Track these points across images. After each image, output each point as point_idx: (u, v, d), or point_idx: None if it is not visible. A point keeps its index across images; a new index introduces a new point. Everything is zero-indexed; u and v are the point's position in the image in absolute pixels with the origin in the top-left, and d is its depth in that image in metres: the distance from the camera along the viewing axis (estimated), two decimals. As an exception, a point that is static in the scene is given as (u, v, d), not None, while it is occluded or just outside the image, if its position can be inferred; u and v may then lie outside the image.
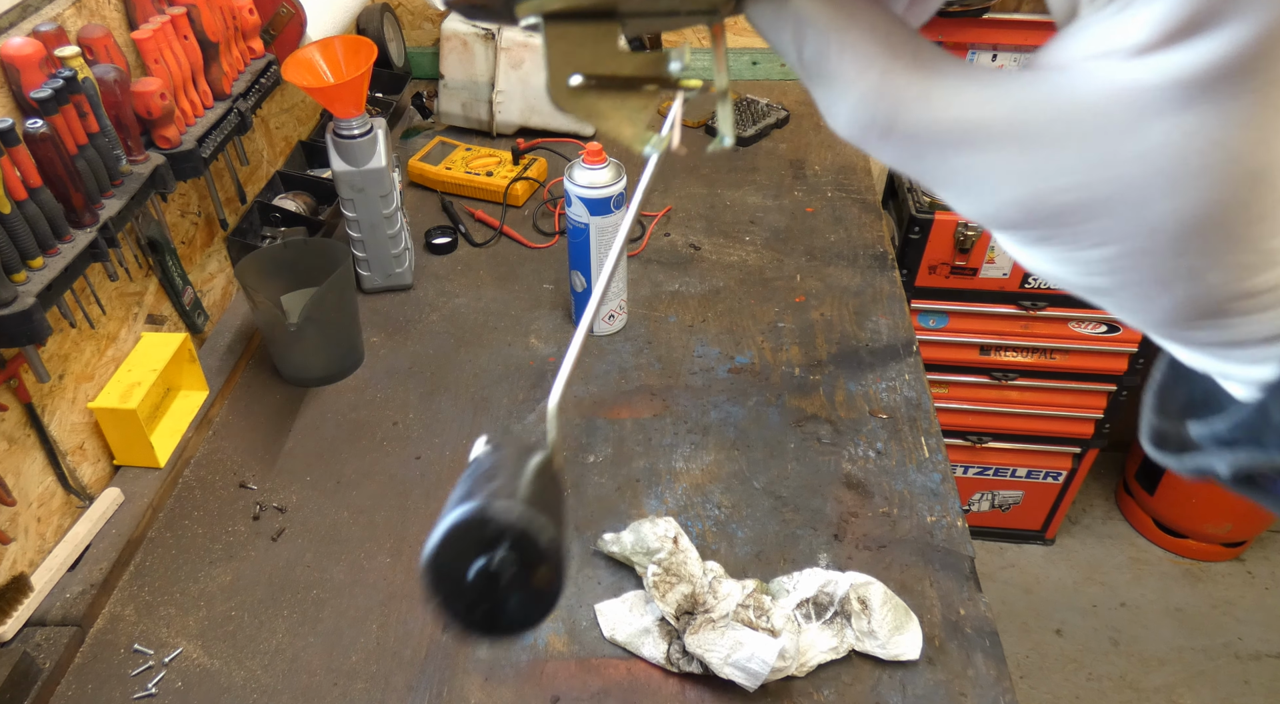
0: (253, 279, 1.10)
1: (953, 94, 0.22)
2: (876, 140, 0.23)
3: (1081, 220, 0.22)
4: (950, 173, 0.23)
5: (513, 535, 0.26)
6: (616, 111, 0.27)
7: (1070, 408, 1.95)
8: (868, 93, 0.23)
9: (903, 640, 0.83)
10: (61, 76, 0.86)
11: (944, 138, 0.22)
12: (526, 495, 0.27)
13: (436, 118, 1.63)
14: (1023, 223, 0.23)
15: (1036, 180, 0.22)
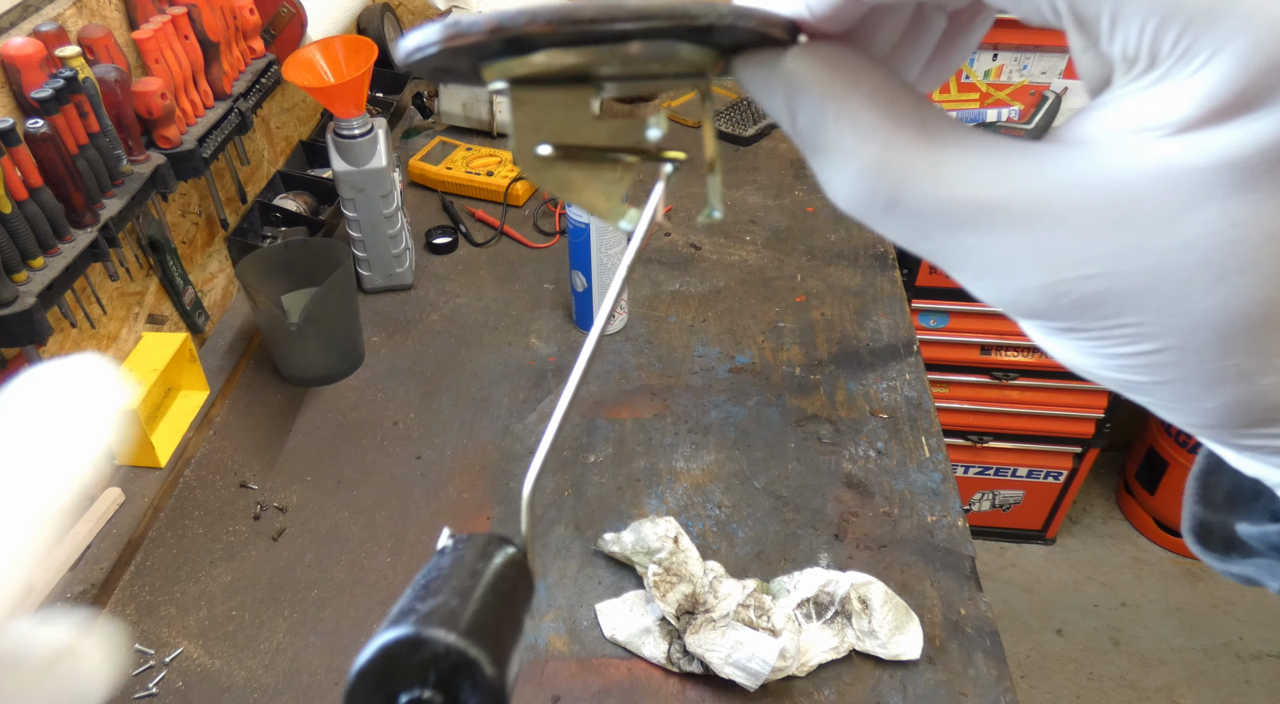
0: (253, 279, 1.10)
1: (964, 169, 0.20)
2: (879, 216, 0.21)
3: (1112, 313, 0.19)
4: (962, 254, 0.21)
5: (442, 669, 0.23)
6: (589, 184, 0.25)
7: (1071, 407, 1.95)
8: (868, 166, 0.21)
9: (903, 640, 0.83)
10: (62, 76, 0.86)
11: (954, 217, 0.20)
12: (470, 620, 0.24)
13: (437, 118, 1.63)
14: (1045, 312, 0.20)
15: (1060, 267, 0.19)
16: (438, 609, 0.24)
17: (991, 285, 0.21)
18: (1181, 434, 2.05)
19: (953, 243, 0.20)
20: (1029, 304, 0.20)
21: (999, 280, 0.20)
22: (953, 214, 0.20)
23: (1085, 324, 0.20)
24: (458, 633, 0.23)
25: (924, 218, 0.20)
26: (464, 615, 0.24)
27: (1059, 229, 0.19)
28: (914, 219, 0.21)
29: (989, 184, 0.20)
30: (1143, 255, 0.18)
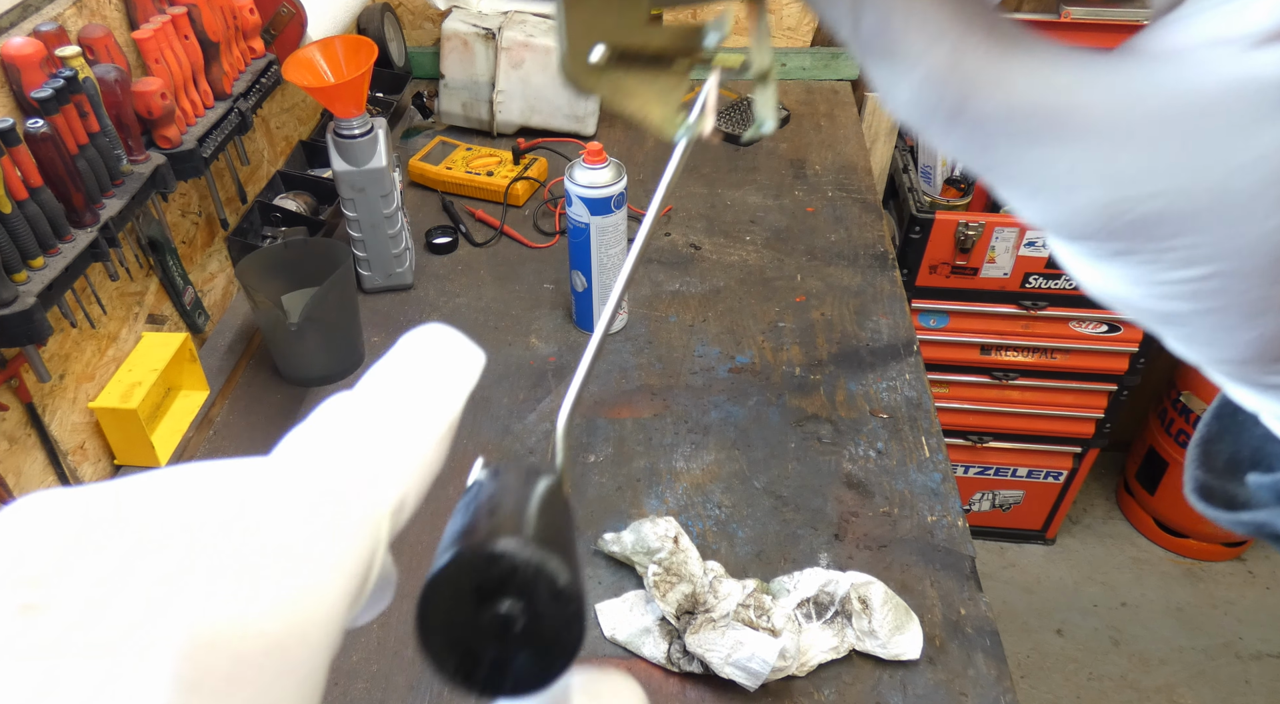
0: (253, 279, 1.10)
1: (1037, 76, 0.19)
2: (941, 126, 0.20)
3: (1169, 234, 0.19)
4: (1021, 168, 0.20)
5: (524, 580, 0.22)
6: (644, 90, 0.24)
7: (1071, 407, 1.95)
8: (936, 70, 0.20)
9: (903, 640, 0.83)
10: (62, 76, 0.86)
11: (1020, 127, 0.19)
12: (537, 531, 0.23)
13: (437, 117, 1.63)
14: (1097, 232, 0.20)
15: (1124, 183, 0.19)
16: (504, 524, 0.23)
17: (1046, 203, 0.20)
18: (1181, 434, 2.05)
19: (1014, 156, 0.20)
20: (1082, 223, 0.20)
21: (1056, 197, 0.20)
22: (1020, 123, 0.19)
23: (1138, 246, 0.19)
24: (535, 542, 0.23)
25: (988, 127, 0.20)
26: (531, 526, 0.23)
27: (1129, 142, 0.18)
28: (977, 129, 0.20)
29: (1061, 92, 0.19)
30: (1211, 171, 0.18)
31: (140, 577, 0.16)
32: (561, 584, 0.23)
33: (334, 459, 0.20)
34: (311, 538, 0.18)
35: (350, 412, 0.21)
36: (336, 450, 0.20)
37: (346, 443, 0.21)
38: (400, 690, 0.82)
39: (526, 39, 1.51)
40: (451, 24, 1.53)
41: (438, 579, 0.22)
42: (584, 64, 0.23)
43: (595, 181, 1.08)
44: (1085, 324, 1.82)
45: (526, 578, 0.22)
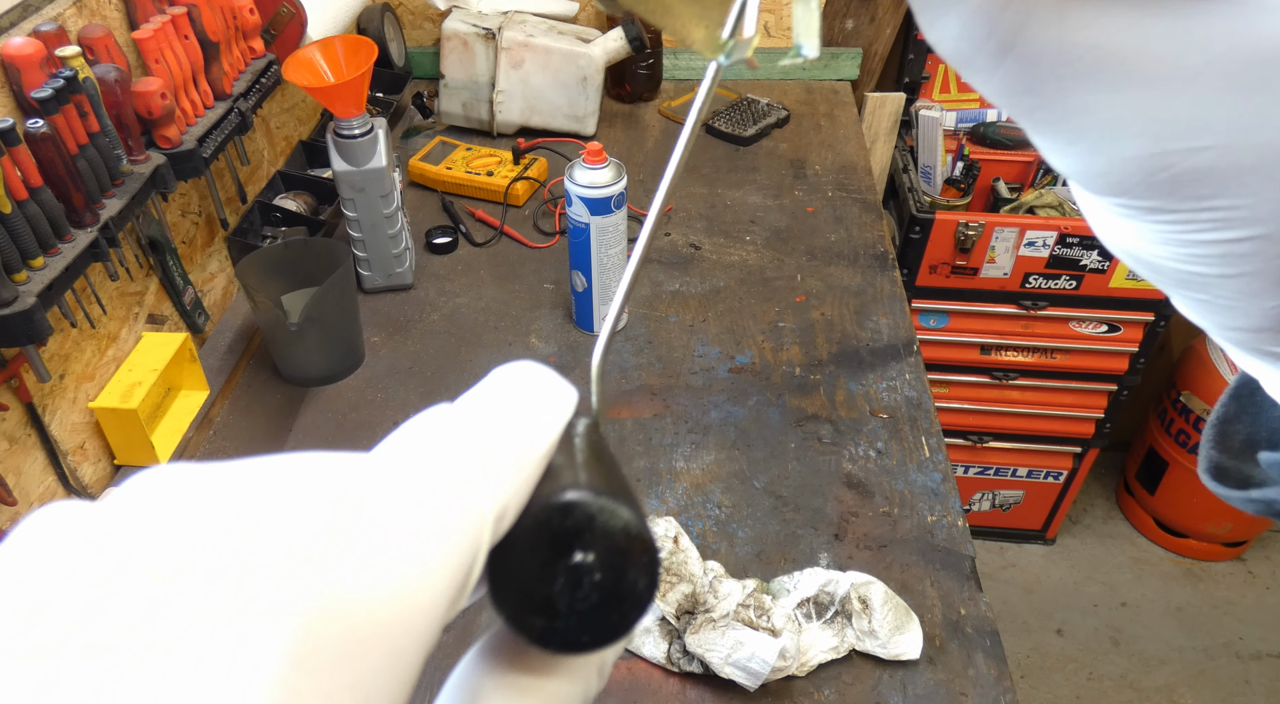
0: (253, 279, 1.10)
1: (1095, 12, 0.18)
2: (987, 62, 0.19)
3: (1209, 193, 0.18)
4: (1065, 112, 0.19)
5: (597, 529, 0.22)
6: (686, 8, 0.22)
7: (1071, 408, 1.95)
8: (990, 1, 0.18)
9: (903, 640, 0.83)
10: (62, 76, 0.86)
11: (1072, 67, 0.18)
12: (592, 479, 0.23)
13: (437, 117, 1.63)
14: (1134, 187, 0.19)
15: (1171, 135, 0.18)
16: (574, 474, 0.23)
17: (1085, 152, 0.19)
18: (1181, 434, 2.05)
19: (1061, 97, 0.19)
20: (1121, 177, 0.19)
21: (1097, 146, 0.19)
22: (1071, 63, 0.18)
23: (1175, 204, 0.19)
24: (607, 496, 0.22)
25: (1038, 65, 0.18)
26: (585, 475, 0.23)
27: (1184, 91, 0.17)
28: (1026, 67, 0.19)
29: (1119, 32, 0.18)
30: (1266, 127, 0.17)
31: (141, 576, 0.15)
32: (633, 530, 0.22)
33: (441, 457, 0.20)
34: (422, 530, 0.18)
35: (453, 418, 0.21)
36: (443, 449, 0.20)
37: (452, 444, 0.21)
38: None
39: (526, 39, 1.51)
40: (451, 24, 1.53)
41: (509, 538, 0.22)
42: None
43: (595, 181, 1.08)
44: (1085, 324, 1.82)
45: (599, 527, 0.22)
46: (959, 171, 1.84)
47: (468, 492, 0.19)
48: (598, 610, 0.22)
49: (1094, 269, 1.72)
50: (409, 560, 0.17)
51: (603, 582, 0.22)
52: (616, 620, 0.23)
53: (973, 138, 1.92)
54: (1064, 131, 0.19)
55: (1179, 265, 0.20)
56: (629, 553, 0.22)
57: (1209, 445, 0.29)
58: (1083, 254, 1.70)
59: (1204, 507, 2.12)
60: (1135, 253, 0.21)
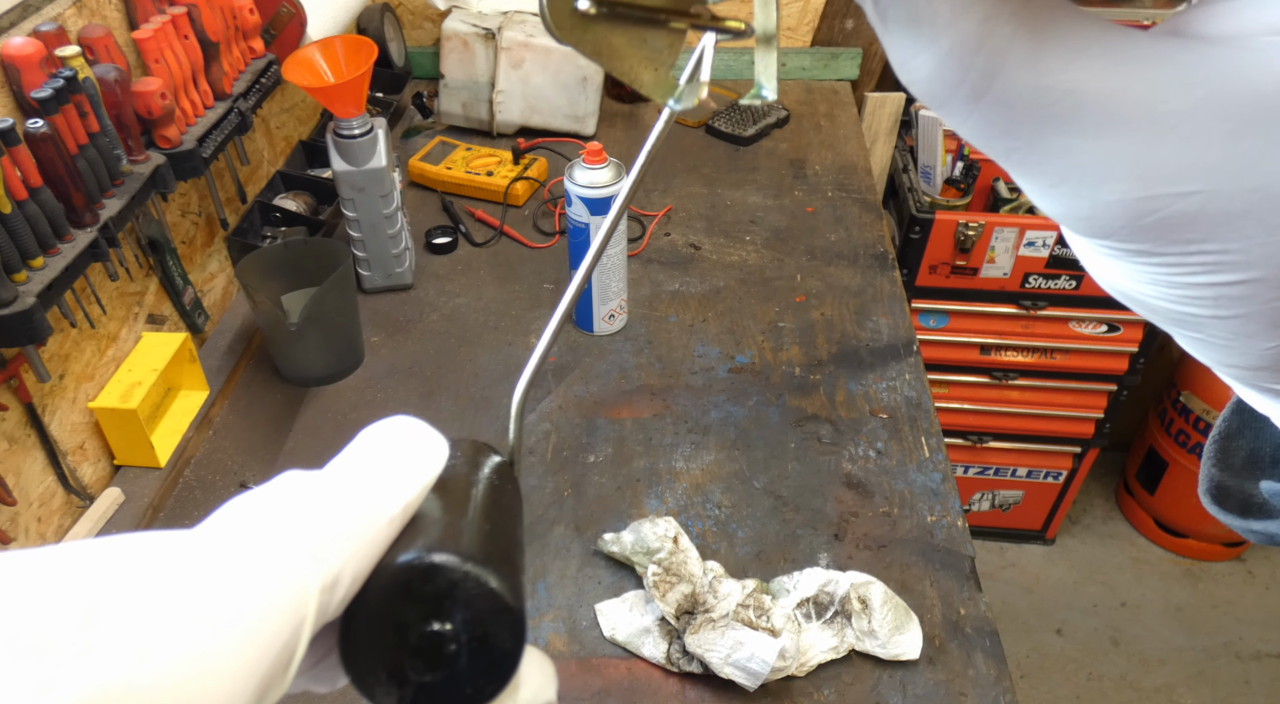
0: (253, 279, 1.10)
1: (1073, 56, 0.18)
2: (961, 104, 0.19)
3: (1199, 238, 0.18)
4: (1045, 157, 0.18)
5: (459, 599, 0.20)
6: (634, 50, 0.22)
7: (1071, 408, 1.95)
8: (962, 44, 0.18)
9: (903, 640, 0.83)
10: (62, 76, 0.86)
11: (1050, 111, 0.18)
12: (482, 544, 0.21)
13: (437, 117, 1.63)
14: (1120, 230, 0.18)
15: (1157, 179, 0.17)
16: (447, 531, 0.21)
17: (1067, 195, 0.19)
18: (1181, 434, 2.05)
19: (1040, 142, 0.18)
20: (1106, 220, 0.18)
21: (1079, 191, 0.18)
22: (1049, 107, 0.18)
23: (1163, 248, 0.18)
24: (475, 561, 0.21)
25: (1015, 109, 0.18)
26: (476, 538, 0.22)
27: (1168, 135, 0.17)
28: (1003, 110, 0.18)
29: (1098, 76, 0.17)
30: (1255, 172, 0.17)
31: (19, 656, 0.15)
32: (505, 606, 0.21)
33: (266, 529, 0.19)
34: (219, 602, 0.17)
35: (297, 487, 0.20)
36: (271, 521, 0.19)
37: (284, 515, 0.20)
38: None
39: (526, 39, 1.51)
40: (451, 24, 1.53)
41: (356, 604, 0.20)
42: (568, 12, 0.20)
43: (595, 181, 1.08)
44: (1085, 324, 1.82)
45: (465, 598, 0.21)
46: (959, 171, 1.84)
47: (291, 562, 0.18)
48: (454, 680, 0.21)
49: (1094, 269, 1.72)
50: (201, 644, 0.16)
51: (456, 651, 0.21)
52: (473, 692, 0.21)
53: (973, 138, 1.92)
54: (1045, 175, 0.19)
55: (1170, 306, 0.19)
56: (485, 617, 0.21)
57: (1210, 463, 0.28)
58: (1082, 254, 1.70)
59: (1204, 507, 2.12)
60: (1126, 292, 0.20)
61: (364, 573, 0.20)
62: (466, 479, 0.24)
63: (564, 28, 0.20)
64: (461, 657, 0.21)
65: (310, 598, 0.18)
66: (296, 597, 0.18)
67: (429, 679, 0.21)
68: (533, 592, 0.89)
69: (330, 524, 0.20)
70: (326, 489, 0.21)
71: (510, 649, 0.21)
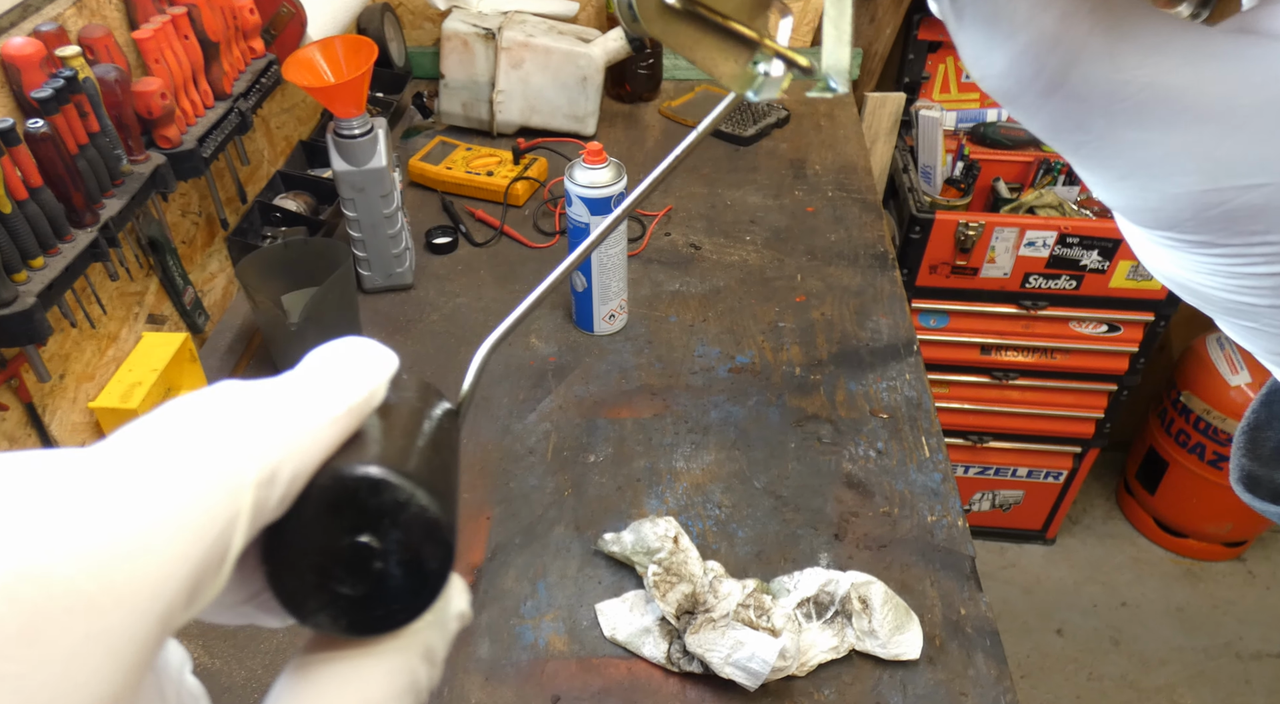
0: (253, 279, 1.10)
1: (1148, 51, 0.18)
2: (1034, 98, 0.19)
3: (1264, 228, 0.18)
4: (1115, 149, 0.19)
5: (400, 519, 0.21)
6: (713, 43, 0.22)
7: (1071, 407, 1.95)
8: (1039, 40, 0.18)
9: (903, 640, 0.83)
10: (62, 76, 0.86)
11: (1123, 105, 0.18)
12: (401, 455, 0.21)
13: (437, 117, 1.63)
14: (1185, 223, 0.19)
15: (1225, 173, 0.18)
16: (406, 455, 0.21)
17: (1134, 188, 0.19)
18: (1182, 434, 2.05)
19: (1111, 135, 0.18)
20: (1172, 212, 0.19)
21: (1147, 183, 0.19)
22: (1123, 101, 0.18)
23: (1226, 239, 0.18)
24: (418, 482, 0.21)
25: (1087, 103, 0.18)
26: (421, 463, 0.22)
27: (1239, 130, 0.17)
28: (1075, 104, 0.18)
29: (1172, 71, 0.18)
30: None
31: None
32: (426, 513, 0.21)
33: (198, 422, 0.18)
34: (141, 491, 0.16)
35: (234, 387, 0.20)
36: (204, 415, 0.19)
37: (218, 410, 0.19)
38: (400, 690, 0.82)
39: (526, 39, 1.51)
40: (451, 24, 1.53)
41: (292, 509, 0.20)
42: (653, 6, 0.21)
43: (595, 181, 1.08)
44: (1085, 324, 1.82)
45: (406, 519, 0.21)
46: (959, 171, 1.84)
47: (219, 455, 0.18)
48: (378, 596, 0.21)
49: (1094, 269, 1.72)
50: (124, 528, 0.16)
51: (384, 569, 0.21)
52: (395, 610, 0.21)
53: (973, 138, 1.92)
54: (1113, 167, 0.19)
55: (1228, 295, 0.20)
56: (417, 537, 0.21)
57: (1240, 453, 0.28)
58: (1083, 254, 1.70)
59: (1204, 507, 2.12)
60: (1182, 282, 0.20)
61: (306, 472, 0.19)
62: (417, 411, 0.24)
63: (650, 19, 0.21)
64: (390, 574, 0.21)
65: (244, 490, 0.18)
66: (229, 487, 0.17)
67: (351, 592, 0.21)
68: (533, 592, 0.89)
69: (268, 418, 0.19)
70: (266, 389, 0.20)
71: (438, 573, 0.21)
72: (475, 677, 0.83)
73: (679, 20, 0.21)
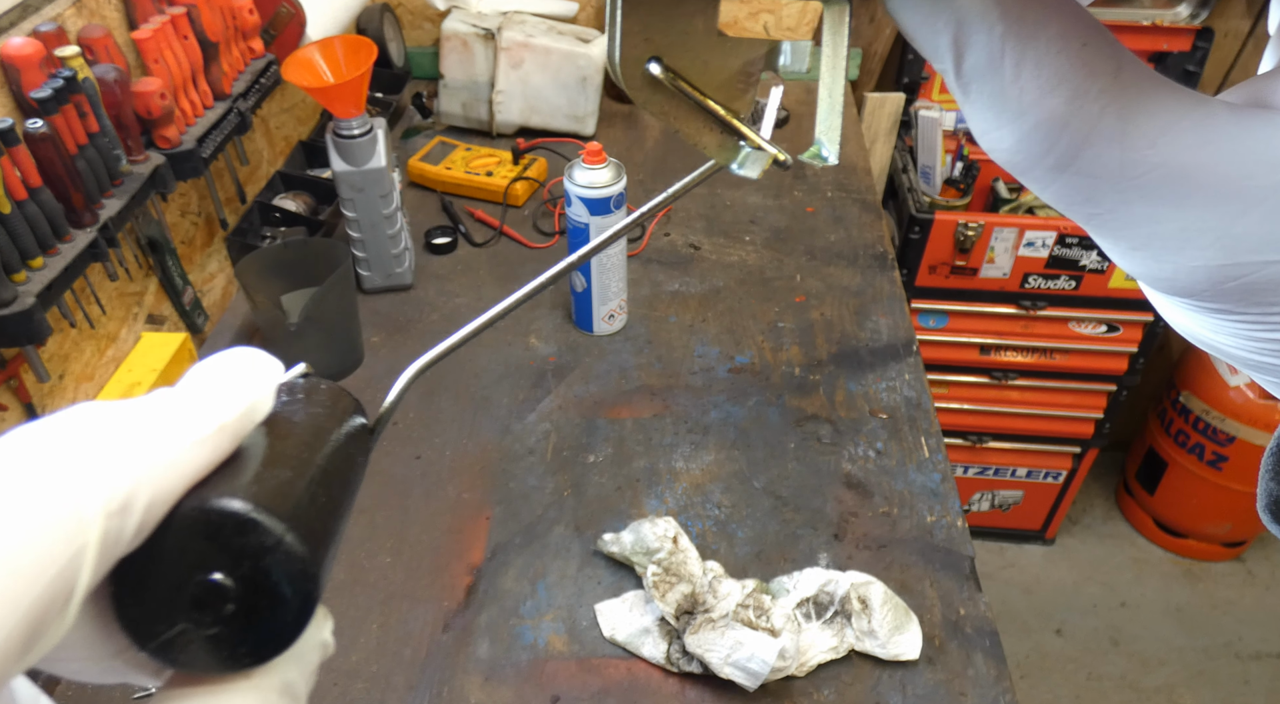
0: (253, 279, 1.10)
1: (1160, 131, 0.18)
2: (1044, 175, 0.19)
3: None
4: (1128, 223, 0.19)
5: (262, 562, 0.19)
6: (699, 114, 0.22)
7: (1070, 408, 1.95)
8: (1049, 120, 0.18)
9: (903, 640, 0.83)
10: (61, 76, 0.86)
11: (1135, 183, 0.18)
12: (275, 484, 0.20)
13: (436, 118, 1.63)
14: (1203, 293, 0.19)
15: (1242, 249, 0.18)
16: (280, 487, 0.20)
17: (1148, 259, 0.19)
18: (1181, 434, 2.05)
19: (1123, 210, 0.18)
20: (1188, 283, 0.19)
21: (1162, 255, 0.19)
22: (1134, 179, 0.18)
23: (1245, 309, 0.18)
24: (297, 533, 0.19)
25: (1098, 180, 0.18)
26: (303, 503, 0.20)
27: (1255, 209, 0.17)
28: (1086, 180, 0.18)
29: (1184, 151, 0.17)
30: None
31: None
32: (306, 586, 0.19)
33: (37, 449, 0.17)
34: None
35: (87, 410, 0.19)
36: (45, 441, 0.17)
37: (63, 435, 0.18)
38: (400, 690, 0.82)
39: (526, 39, 1.51)
40: (451, 24, 1.53)
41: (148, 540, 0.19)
42: (638, 75, 0.21)
43: (595, 181, 1.08)
44: (1085, 324, 1.82)
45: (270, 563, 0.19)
46: (958, 172, 1.84)
47: (65, 481, 0.16)
48: (233, 635, 0.20)
49: (1093, 269, 1.72)
50: None
51: (240, 608, 0.19)
52: (256, 648, 0.20)
53: (972, 138, 1.92)
54: (1126, 239, 0.19)
55: (1249, 355, 0.20)
56: (281, 578, 0.19)
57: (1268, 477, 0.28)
58: (1082, 254, 1.70)
59: (1203, 507, 2.12)
60: (1205, 341, 0.21)
61: (166, 499, 0.18)
62: (318, 428, 0.22)
63: (634, 86, 0.21)
64: (248, 613, 0.20)
65: (92, 521, 0.17)
66: (73, 519, 0.16)
67: (204, 629, 0.20)
68: (532, 592, 0.89)
69: (125, 442, 0.18)
70: (124, 411, 0.19)
71: (301, 613, 0.20)
72: (475, 677, 0.83)
73: (664, 92, 0.21)
